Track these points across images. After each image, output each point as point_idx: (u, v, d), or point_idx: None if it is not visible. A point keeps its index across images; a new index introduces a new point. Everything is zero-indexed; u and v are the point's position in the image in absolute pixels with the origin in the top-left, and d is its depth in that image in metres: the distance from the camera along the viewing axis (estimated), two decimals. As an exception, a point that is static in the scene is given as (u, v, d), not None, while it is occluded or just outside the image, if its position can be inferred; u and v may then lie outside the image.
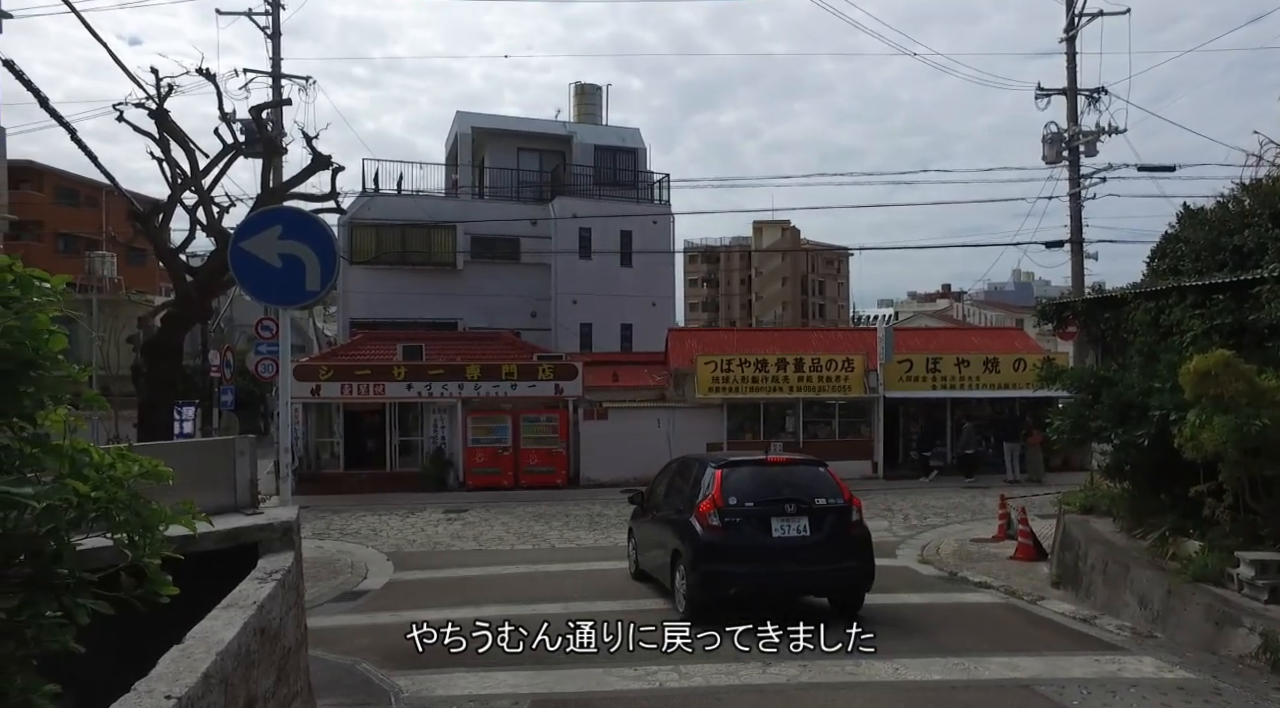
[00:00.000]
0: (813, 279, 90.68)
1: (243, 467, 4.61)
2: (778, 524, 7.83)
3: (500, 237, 27.97)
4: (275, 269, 5.33)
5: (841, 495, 8.20)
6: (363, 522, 16.09)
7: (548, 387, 21.03)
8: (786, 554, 7.82)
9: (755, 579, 7.77)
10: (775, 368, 21.00)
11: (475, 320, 26.91)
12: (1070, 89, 21.10)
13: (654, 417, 20.98)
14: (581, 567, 11.62)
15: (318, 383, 20.40)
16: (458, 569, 11.78)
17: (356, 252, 26.58)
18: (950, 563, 11.57)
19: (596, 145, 30.12)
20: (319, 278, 5.39)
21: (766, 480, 8.34)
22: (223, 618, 2.81)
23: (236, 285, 6.31)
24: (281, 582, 3.55)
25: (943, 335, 28.19)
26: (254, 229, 5.56)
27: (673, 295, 31.45)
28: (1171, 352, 8.23)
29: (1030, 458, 20.28)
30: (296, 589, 4.10)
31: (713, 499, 7.95)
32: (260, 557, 4.02)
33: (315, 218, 5.48)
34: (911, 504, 17.19)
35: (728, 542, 7.75)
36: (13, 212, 38.51)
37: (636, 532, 10.38)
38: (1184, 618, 6.90)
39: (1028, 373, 21.55)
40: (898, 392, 21.26)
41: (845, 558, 7.92)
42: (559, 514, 16.61)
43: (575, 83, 32.98)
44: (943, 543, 13.15)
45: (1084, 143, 20.73)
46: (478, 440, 20.65)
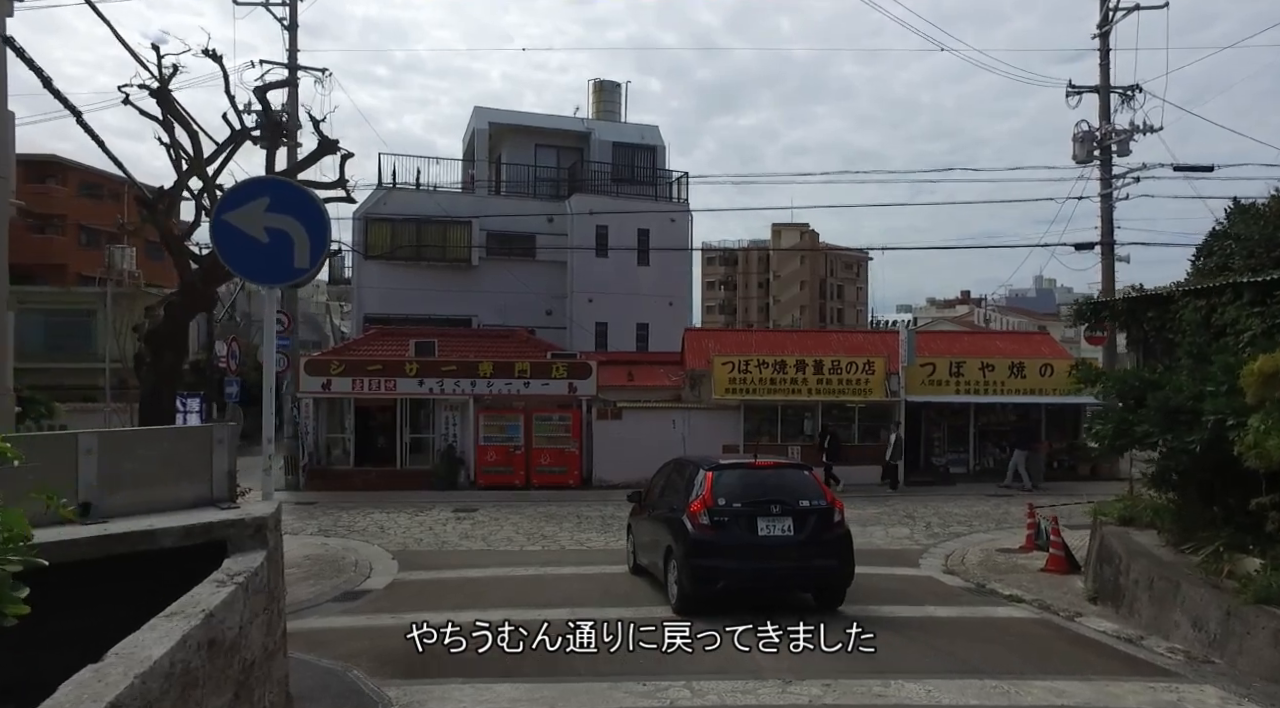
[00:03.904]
0: (831, 283, 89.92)
1: (220, 457, 4.19)
2: (763, 524, 8.29)
3: (516, 233, 27.62)
4: (261, 244, 4.86)
5: (824, 498, 8.69)
6: (370, 519, 15.76)
7: (561, 385, 20.63)
8: (771, 552, 8.28)
9: (742, 575, 8.19)
10: (794, 370, 20.46)
11: (490, 318, 26.57)
12: (1103, 86, 20.45)
13: (669, 418, 20.52)
14: (592, 570, 11.18)
15: (329, 378, 20.10)
16: (464, 570, 11.38)
17: (371, 246, 26.35)
18: (977, 574, 11.01)
19: (615, 142, 29.73)
20: (308, 254, 4.94)
21: (754, 482, 8.78)
22: (160, 629, 2.39)
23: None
24: (245, 585, 3.12)
25: (966, 339, 27.54)
26: (238, 200, 5.08)
27: (690, 295, 30.97)
28: (1226, 353, 7.65)
29: (1032, 465, 19.69)
30: (269, 593, 3.67)
31: (703, 499, 8.40)
32: (228, 556, 3.60)
33: (306, 190, 5.03)
34: (934, 512, 16.61)
35: (717, 539, 8.21)
36: (37, 205, 38.82)
37: (635, 528, 10.75)
38: (1247, 644, 6.31)
39: (1054, 378, 20.95)
40: (920, 396, 20.66)
41: (827, 556, 8.35)
42: (570, 515, 16.20)
43: (594, 79, 32.60)
44: (968, 553, 12.59)
45: (1117, 142, 20.07)
46: (489, 439, 20.27)
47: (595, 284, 27.31)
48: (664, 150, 30.54)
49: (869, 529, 14.45)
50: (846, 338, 26.56)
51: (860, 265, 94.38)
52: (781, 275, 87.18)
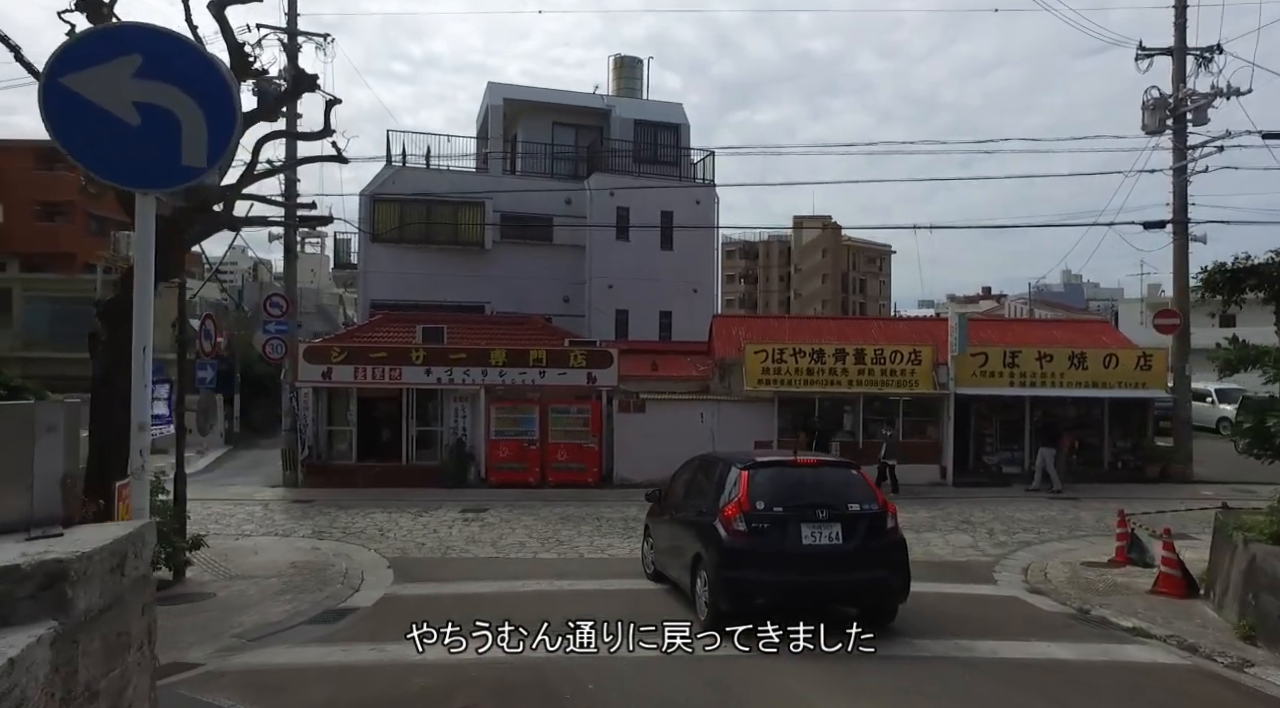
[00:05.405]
0: (854, 277, 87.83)
1: (47, 454, 2.65)
2: (808, 530, 7.27)
3: (532, 216, 26.06)
4: (127, 127, 3.13)
5: (876, 500, 7.68)
6: (370, 520, 14.31)
7: (579, 375, 19.06)
8: (817, 563, 7.27)
9: (784, 589, 7.18)
10: (833, 359, 18.75)
11: (504, 304, 25.07)
12: (1178, 47, 18.56)
13: (696, 410, 18.88)
14: (616, 585, 9.61)
15: (329, 366, 18.66)
16: (467, 584, 9.87)
17: (379, 228, 24.91)
18: (1072, 595, 9.32)
19: (636, 120, 28.08)
20: (204, 146, 3.21)
21: (796, 483, 7.79)
22: None
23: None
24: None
25: (1018, 327, 25.66)
26: (89, 56, 3.17)
27: (715, 282, 29.28)
28: None
29: (1056, 464, 17.88)
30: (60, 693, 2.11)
31: (739, 502, 7.41)
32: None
33: (201, 49, 3.39)
34: (993, 516, 14.90)
35: (755, 548, 7.22)
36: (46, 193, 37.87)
37: (653, 531, 9.81)
38: None
39: (1119, 371, 19.11)
40: (971, 388, 18.88)
41: (880, 567, 7.41)
42: (589, 517, 14.65)
43: (614, 55, 31.00)
44: (1048, 566, 10.89)
45: (1194, 108, 18.17)
46: (501, 433, 18.75)
47: (615, 269, 25.71)
48: (688, 129, 28.86)
49: (924, 536, 12.82)
50: (888, 326, 24.80)
51: (883, 259, 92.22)
52: (803, 269, 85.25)
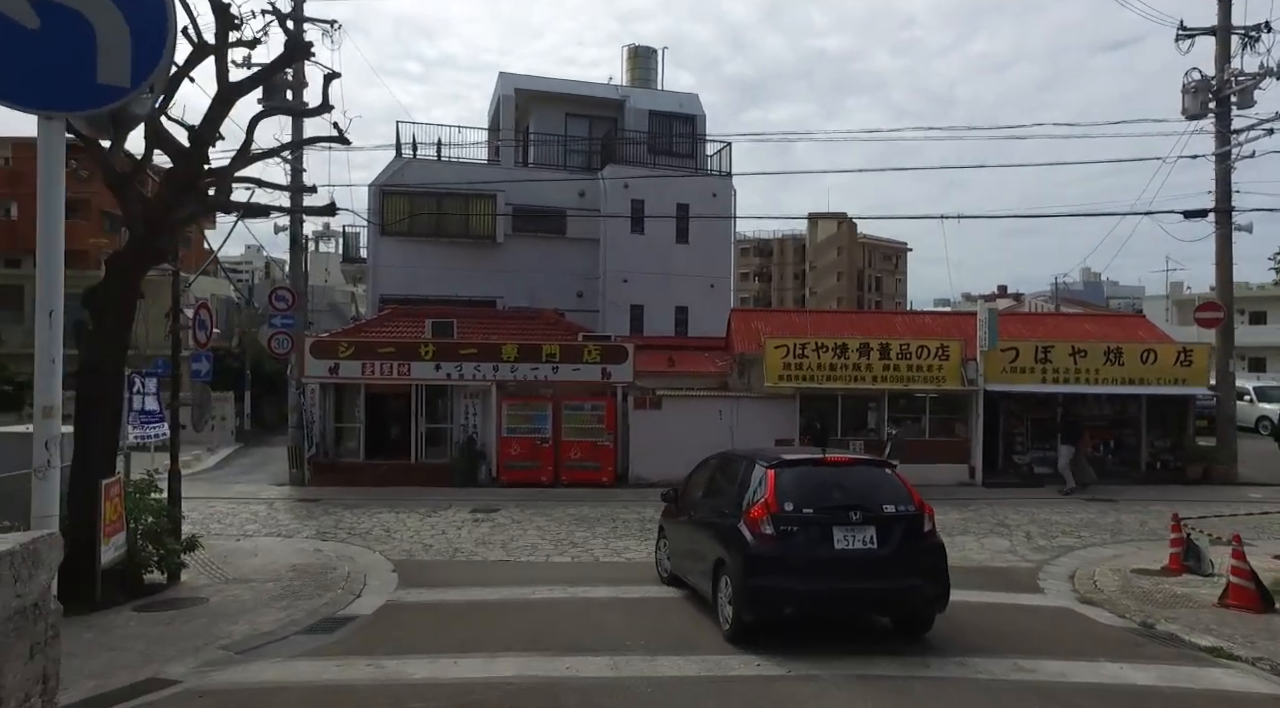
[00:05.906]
0: (869, 275, 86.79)
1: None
2: (840, 534, 6.76)
3: (545, 209, 25.43)
4: (22, 30, 2.47)
5: (912, 502, 7.14)
6: (377, 520, 13.73)
7: (594, 371, 18.41)
8: (851, 569, 6.76)
9: (814, 598, 6.75)
10: (857, 354, 18.02)
11: (516, 299, 24.46)
12: (1221, 26, 17.69)
13: (715, 407, 18.20)
14: (634, 593, 8.95)
15: (337, 361, 18.10)
16: (475, 589, 9.24)
17: (388, 220, 24.36)
18: (1130, 606, 8.57)
19: (651, 111, 27.42)
20: (126, 60, 2.51)
21: (826, 483, 7.27)
22: None
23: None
24: None
25: (1049, 321, 24.80)
26: None
27: (731, 276, 28.58)
28: None
29: (1075, 464, 17.10)
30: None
31: (766, 503, 6.91)
32: None
33: None
34: (1028, 518, 14.15)
35: (783, 553, 6.71)
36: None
37: (669, 532, 9.35)
38: None
39: (1157, 367, 18.27)
40: (1001, 384, 18.10)
41: (917, 574, 6.93)
42: (604, 518, 14.01)
43: (629, 45, 30.26)
44: (1096, 574, 10.13)
45: (1239, 90, 17.30)
46: (513, 430, 18.13)
47: (630, 264, 25.05)
48: (704, 119, 28.15)
49: (958, 539, 12.10)
50: (912, 320, 23.96)
51: (899, 257, 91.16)
52: (818, 267, 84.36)
